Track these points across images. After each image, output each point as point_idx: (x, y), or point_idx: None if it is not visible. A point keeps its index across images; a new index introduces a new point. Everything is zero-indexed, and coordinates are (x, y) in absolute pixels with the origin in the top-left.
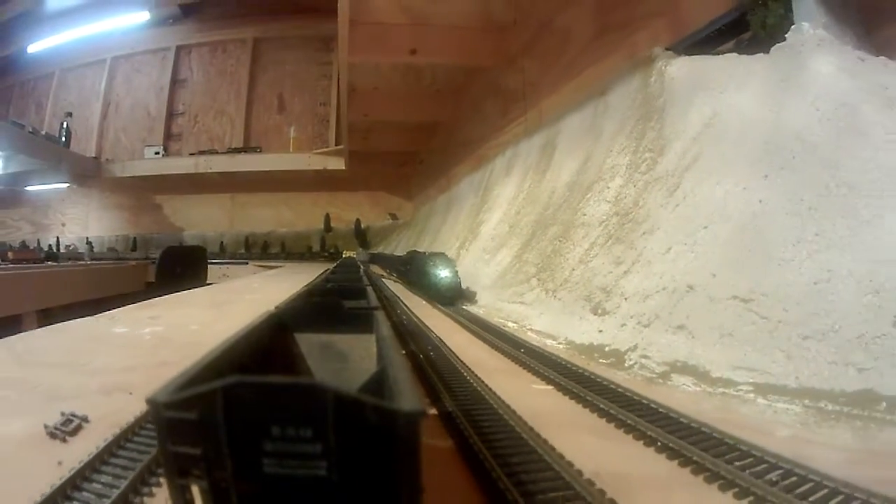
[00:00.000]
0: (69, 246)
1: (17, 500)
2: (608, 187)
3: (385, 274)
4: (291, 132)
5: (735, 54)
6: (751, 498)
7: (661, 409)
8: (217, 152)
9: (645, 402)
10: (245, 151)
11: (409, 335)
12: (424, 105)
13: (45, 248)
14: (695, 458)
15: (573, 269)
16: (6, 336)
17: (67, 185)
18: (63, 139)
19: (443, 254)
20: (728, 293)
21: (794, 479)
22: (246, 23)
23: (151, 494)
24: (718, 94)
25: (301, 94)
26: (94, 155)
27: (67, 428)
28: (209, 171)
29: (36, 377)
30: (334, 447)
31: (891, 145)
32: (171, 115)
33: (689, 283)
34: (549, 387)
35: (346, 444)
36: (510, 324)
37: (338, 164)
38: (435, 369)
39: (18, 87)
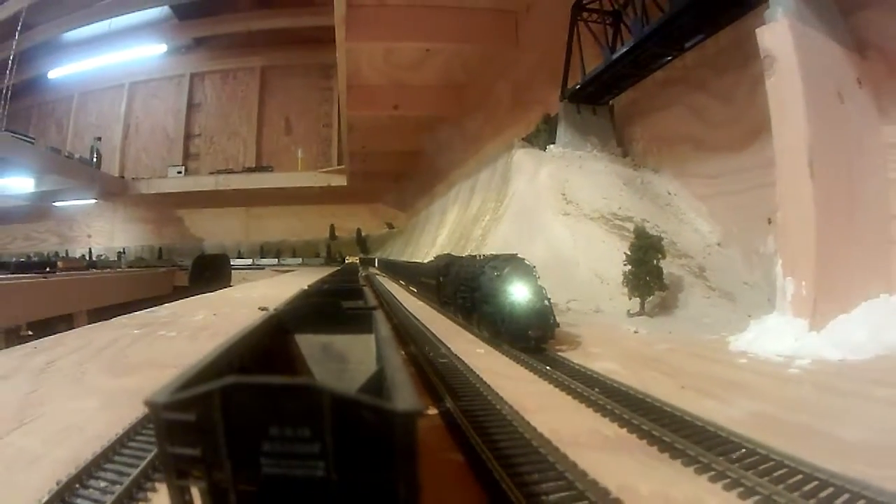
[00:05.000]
0: (100, 255)
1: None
2: (484, 219)
3: (391, 283)
4: (299, 154)
5: (537, 151)
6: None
7: None
8: (234, 171)
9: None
10: (258, 170)
11: None
12: (410, 138)
13: (77, 258)
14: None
15: None
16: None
17: (95, 200)
18: (94, 160)
19: (514, 256)
20: (508, 245)
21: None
22: (253, 52)
23: None
24: (520, 176)
25: (306, 116)
26: (117, 172)
27: (265, 308)
28: (227, 188)
29: (233, 303)
30: (332, 447)
31: (544, 211)
32: (188, 136)
33: None
34: (424, 303)
35: (343, 444)
36: None
37: (340, 180)
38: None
39: (37, 108)
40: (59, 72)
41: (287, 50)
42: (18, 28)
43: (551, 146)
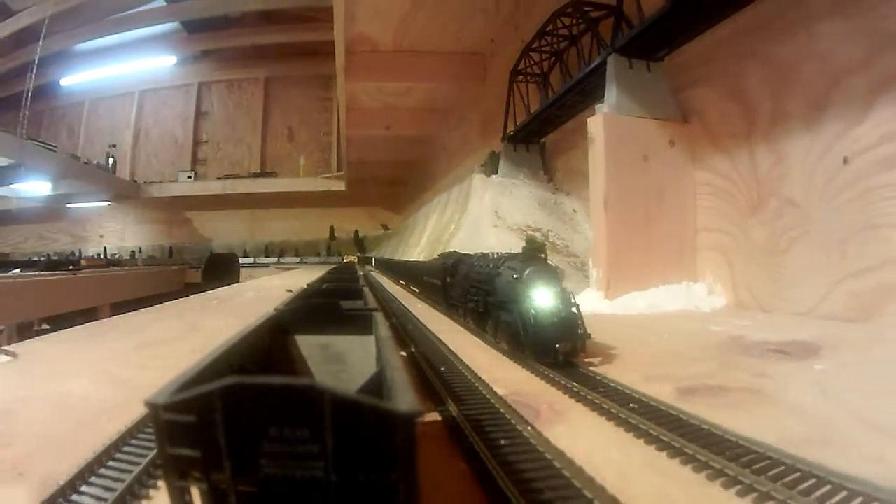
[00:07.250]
0: (114, 255)
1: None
2: (451, 226)
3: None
4: (301, 161)
5: (486, 177)
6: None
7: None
8: (240, 176)
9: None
10: (263, 175)
11: None
12: (401, 152)
13: (95, 258)
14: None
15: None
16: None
17: (108, 202)
18: (109, 166)
19: (535, 256)
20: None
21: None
22: (258, 63)
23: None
24: (474, 196)
25: (307, 125)
26: (128, 176)
27: (291, 291)
28: (234, 192)
29: (265, 287)
30: (332, 448)
31: (483, 224)
32: (196, 142)
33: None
34: (396, 286)
35: (343, 445)
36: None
37: (339, 185)
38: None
39: (49, 112)
40: (72, 79)
41: (289, 62)
42: (41, 40)
43: (494, 176)
